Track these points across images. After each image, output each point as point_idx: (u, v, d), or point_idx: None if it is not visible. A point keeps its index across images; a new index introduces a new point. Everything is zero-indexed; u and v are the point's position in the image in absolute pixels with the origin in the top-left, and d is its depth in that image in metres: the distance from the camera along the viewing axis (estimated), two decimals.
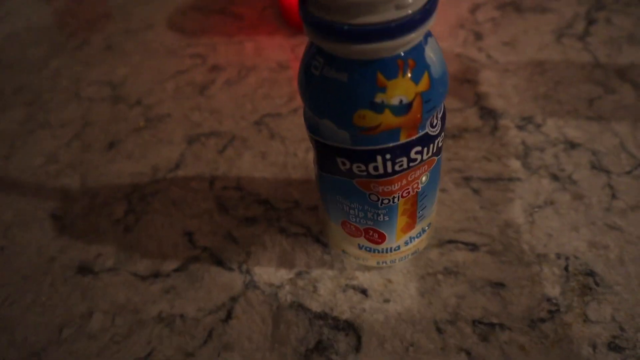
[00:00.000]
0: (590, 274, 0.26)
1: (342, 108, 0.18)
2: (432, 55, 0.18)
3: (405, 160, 0.20)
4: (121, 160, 0.37)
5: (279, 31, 0.47)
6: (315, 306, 0.27)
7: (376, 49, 0.16)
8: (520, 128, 0.34)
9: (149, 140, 0.38)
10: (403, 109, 0.18)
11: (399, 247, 0.25)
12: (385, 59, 0.17)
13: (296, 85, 0.41)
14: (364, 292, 0.27)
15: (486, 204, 0.30)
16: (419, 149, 0.20)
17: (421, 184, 0.22)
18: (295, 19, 0.46)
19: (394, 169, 0.20)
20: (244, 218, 0.31)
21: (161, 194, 0.34)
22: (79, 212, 0.33)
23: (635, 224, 0.28)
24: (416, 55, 0.17)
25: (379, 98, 0.17)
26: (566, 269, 0.27)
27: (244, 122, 0.38)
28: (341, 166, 0.21)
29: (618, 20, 0.42)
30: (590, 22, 0.43)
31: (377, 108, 0.18)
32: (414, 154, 0.20)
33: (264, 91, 0.41)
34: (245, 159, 0.35)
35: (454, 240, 0.28)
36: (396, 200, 0.22)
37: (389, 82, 0.17)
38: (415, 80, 0.18)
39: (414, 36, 0.17)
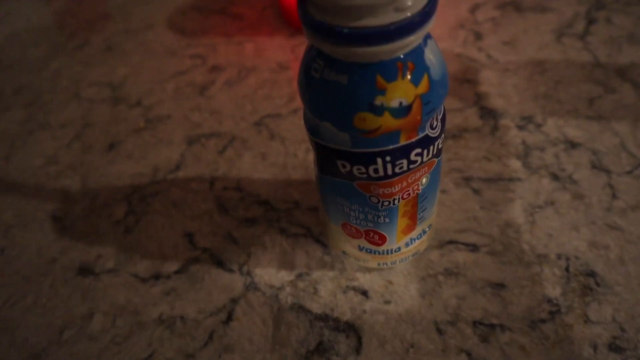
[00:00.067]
0: (591, 274, 0.26)
1: (342, 110, 0.18)
2: (432, 57, 0.18)
3: (405, 162, 0.20)
4: (121, 161, 0.37)
5: (279, 31, 0.47)
6: (316, 307, 0.27)
7: (376, 51, 0.16)
8: (521, 128, 0.34)
9: (149, 141, 0.38)
10: (403, 111, 0.18)
11: (399, 249, 0.25)
12: (384, 61, 0.17)
13: (296, 86, 0.41)
14: (364, 293, 0.27)
15: (486, 204, 0.30)
16: (419, 151, 0.20)
17: (421, 186, 0.22)
18: (296, 19, 0.46)
19: (394, 171, 0.20)
20: (244, 219, 0.31)
21: (161, 195, 0.34)
22: (80, 213, 0.33)
23: (636, 223, 0.28)
24: (416, 57, 0.17)
25: (378, 100, 0.17)
26: (567, 269, 0.27)
27: (244, 123, 0.38)
28: (341, 168, 0.21)
29: (618, 20, 0.42)
30: (591, 22, 0.42)
31: (377, 110, 0.18)
32: (414, 156, 0.20)
33: (264, 92, 0.41)
34: (245, 160, 0.35)
35: (454, 241, 0.28)
36: (396, 202, 0.22)
37: (388, 84, 0.17)
38: (414, 82, 0.18)
39: (413, 39, 0.16)
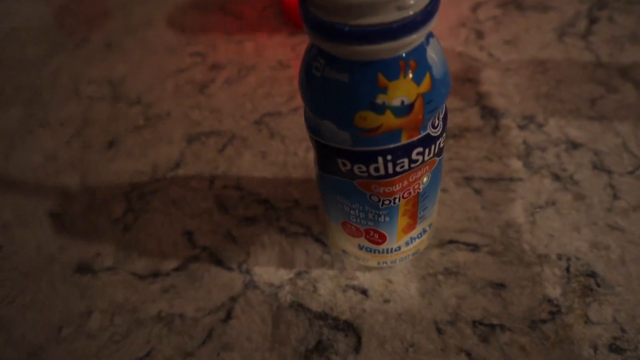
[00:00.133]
0: (592, 274, 0.26)
1: (343, 109, 0.18)
2: (434, 56, 0.18)
3: (406, 161, 0.20)
4: (121, 159, 0.36)
5: (279, 30, 0.47)
6: (315, 306, 0.26)
7: (377, 50, 0.16)
8: (522, 127, 0.34)
9: (148, 139, 0.38)
10: (404, 110, 0.18)
11: (399, 248, 0.25)
12: (386, 60, 0.17)
13: (296, 84, 0.41)
14: (364, 292, 0.27)
15: (487, 204, 0.30)
16: (420, 150, 0.20)
17: (422, 185, 0.22)
18: (296, 17, 0.45)
19: (395, 170, 0.20)
20: (243, 217, 0.31)
21: (161, 193, 0.33)
22: (79, 211, 0.33)
23: (637, 224, 0.28)
24: (418, 56, 0.17)
25: (380, 99, 0.17)
26: (567, 269, 0.26)
27: (244, 121, 0.38)
28: (342, 167, 0.20)
29: (620, 19, 0.42)
30: (593, 21, 0.42)
31: (378, 109, 0.18)
32: (415, 155, 0.20)
33: (264, 90, 0.40)
34: (245, 158, 0.35)
35: (454, 241, 0.28)
36: (397, 201, 0.22)
37: (390, 83, 0.17)
38: (416, 81, 0.17)
39: (415, 37, 0.16)
